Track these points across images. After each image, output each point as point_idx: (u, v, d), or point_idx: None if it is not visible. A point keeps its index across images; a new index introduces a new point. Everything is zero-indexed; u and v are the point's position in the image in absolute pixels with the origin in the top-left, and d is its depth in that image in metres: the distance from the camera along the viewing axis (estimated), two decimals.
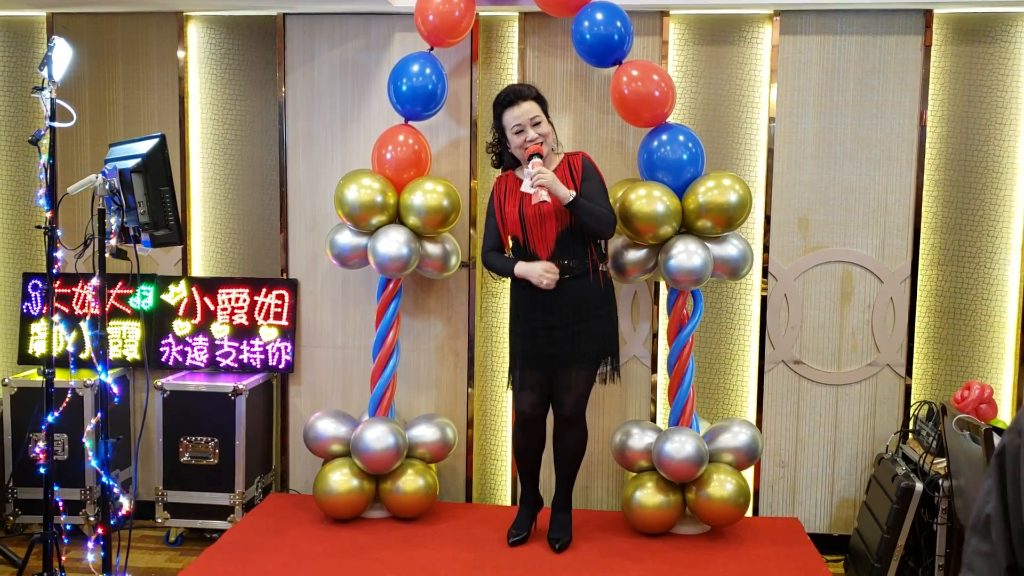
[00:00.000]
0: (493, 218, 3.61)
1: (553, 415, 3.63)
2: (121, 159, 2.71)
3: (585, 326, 3.49)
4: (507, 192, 3.57)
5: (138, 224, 2.65)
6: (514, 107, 3.48)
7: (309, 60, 4.21)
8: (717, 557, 3.59)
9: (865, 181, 4.00)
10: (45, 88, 2.95)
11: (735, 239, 3.76)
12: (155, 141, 2.70)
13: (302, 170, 4.26)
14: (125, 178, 2.63)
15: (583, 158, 3.56)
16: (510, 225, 3.53)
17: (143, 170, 2.63)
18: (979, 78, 3.94)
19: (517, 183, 3.55)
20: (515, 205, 3.51)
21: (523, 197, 3.47)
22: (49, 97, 2.95)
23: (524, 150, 3.46)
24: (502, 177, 3.65)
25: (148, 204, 2.62)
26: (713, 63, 4.05)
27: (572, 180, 3.48)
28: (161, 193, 2.63)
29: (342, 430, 3.93)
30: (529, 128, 3.46)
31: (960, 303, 4.02)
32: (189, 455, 4.05)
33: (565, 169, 3.52)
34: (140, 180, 2.62)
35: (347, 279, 4.25)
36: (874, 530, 3.63)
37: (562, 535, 3.62)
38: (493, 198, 3.62)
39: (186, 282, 4.31)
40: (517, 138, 3.49)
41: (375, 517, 3.95)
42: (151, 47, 4.30)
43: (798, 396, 4.10)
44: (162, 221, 2.64)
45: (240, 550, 3.62)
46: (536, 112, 3.48)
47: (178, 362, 4.30)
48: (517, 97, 3.49)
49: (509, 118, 3.49)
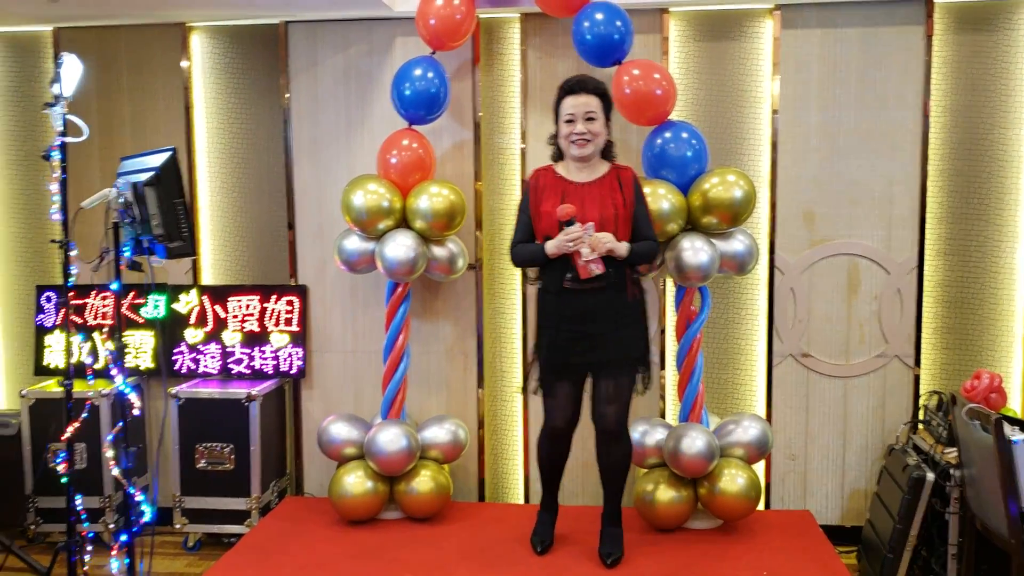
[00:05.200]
0: (526, 213, 3.44)
1: (596, 429, 3.47)
2: (134, 172, 2.75)
3: (620, 334, 3.34)
4: (545, 188, 3.39)
5: (152, 236, 2.69)
6: (573, 96, 3.34)
7: (312, 66, 4.24)
8: (731, 551, 3.61)
9: (869, 173, 4.01)
10: (56, 104, 2.98)
11: (741, 234, 3.77)
12: (167, 155, 2.73)
13: (308, 176, 4.30)
14: (138, 191, 2.67)
15: (633, 175, 3.42)
16: (546, 226, 3.34)
17: (156, 183, 2.66)
18: (981, 67, 3.94)
19: (556, 179, 3.40)
20: (555, 205, 3.31)
21: (564, 196, 3.33)
22: (61, 113, 2.97)
23: (568, 141, 3.35)
24: (540, 171, 3.47)
25: (162, 216, 2.66)
26: (714, 59, 4.06)
27: (620, 193, 3.35)
28: (174, 206, 2.66)
29: (355, 433, 3.97)
30: (580, 121, 3.32)
31: (967, 292, 4.02)
32: (205, 461, 4.10)
33: (613, 181, 3.38)
34: (153, 193, 2.65)
35: (355, 284, 4.29)
36: (886, 520, 3.65)
37: (614, 550, 3.49)
38: (528, 192, 3.44)
39: (197, 291, 4.35)
40: (566, 127, 3.35)
41: (390, 518, 3.99)
42: (155, 58, 4.34)
43: (807, 389, 4.12)
44: (176, 233, 2.67)
45: (259, 553, 3.66)
46: (594, 107, 3.34)
47: (191, 370, 4.35)
48: (579, 86, 3.35)
49: (565, 105, 3.36)
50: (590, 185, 3.39)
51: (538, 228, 3.40)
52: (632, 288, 3.39)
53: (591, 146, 3.35)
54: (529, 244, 3.43)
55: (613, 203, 3.34)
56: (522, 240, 3.45)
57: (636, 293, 3.41)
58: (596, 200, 3.35)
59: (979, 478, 3.18)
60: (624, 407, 3.42)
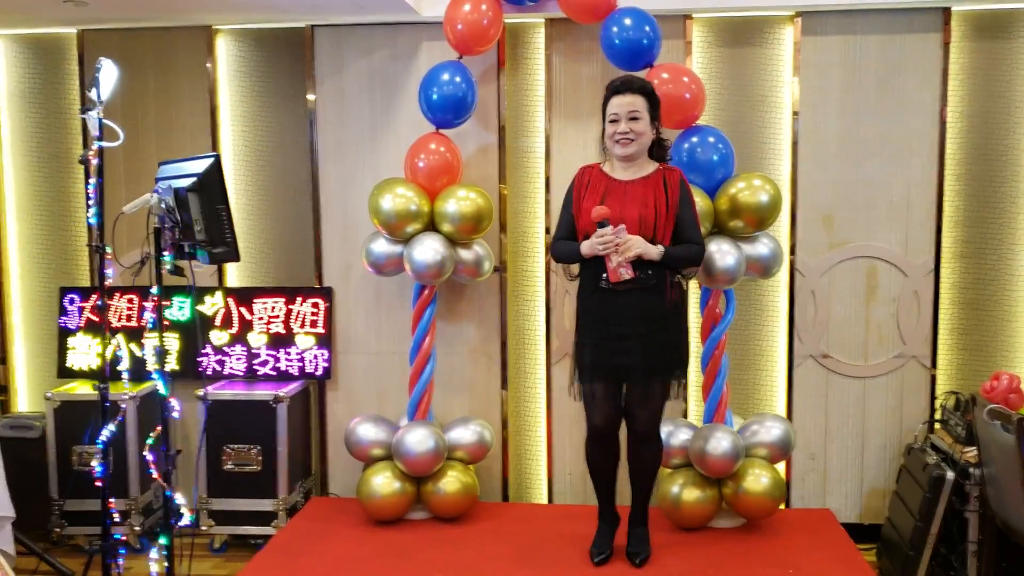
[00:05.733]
0: (568, 211, 3.43)
1: (627, 430, 3.50)
2: (174, 178, 2.78)
3: (657, 337, 3.34)
4: (588, 186, 3.39)
5: (194, 242, 2.72)
6: (619, 95, 3.32)
7: (338, 71, 4.28)
8: (756, 549, 3.68)
9: (888, 177, 4.08)
10: (93, 108, 3.01)
11: (765, 238, 3.83)
12: (210, 160, 2.76)
13: (333, 179, 4.33)
14: (180, 196, 2.70)
15: (681, 177, 3.40)
16: (586, 223, 3.32)
17: (199, 188, 2.69)
18: (997, 73, 4.02)
19: (601, 177, 3.40)
20: (594, 203, 3.30)
21: (607, 193, 3.33)
22: (97, 117, 3.00)
23: (612, 141, 3.35)
24: (587, 168, 3.46)
25: (204, 222, 2.69)
26: (736, 64, 4.12)
27: (665, 194, 3.32)
28: (218, 211, 2.70)
29: (382, 434, 4.01)
30: (624, 121, 3.30)
31: (983, 294, 4.10)
32: (232, 463, 4.12)
33: (659, 182, 3.35)
34: (195, 199, 2.69)
35: (380, 286, 4.32)
36: (906, 519, 3.72)
37: (641, 550, 3.55)
38: (572, 190, 3.44)
39: (222, 293, 4.38)
40: (610, 127, 3.34)
41: (416, 519, 4.03)
42: (181, 62, 4.36)
43: (826, 389, 4.19)
44: (219, 239, 2.70)
45: (288, 555, 3.70)
46: (638, 107, 3.30)
47: (216, 371, 4.38)
48: (625, 86, 3.33)
49: (611, 105, 3.34)
50: (634, 184, 3.37)
51: (578, 225, 3.38)
52: (672, 291, 3.35)
53: (634, 145, 3.33)
54: (570, 242, 3.42)
55: (655, 203, 3.31)
56: (564, 237, 3.44)
57: (676, 296, 3.38)
58: (638, 199, 3.33)
59: (1000, 477, 3.26)
60: (656, 412, 3.45)
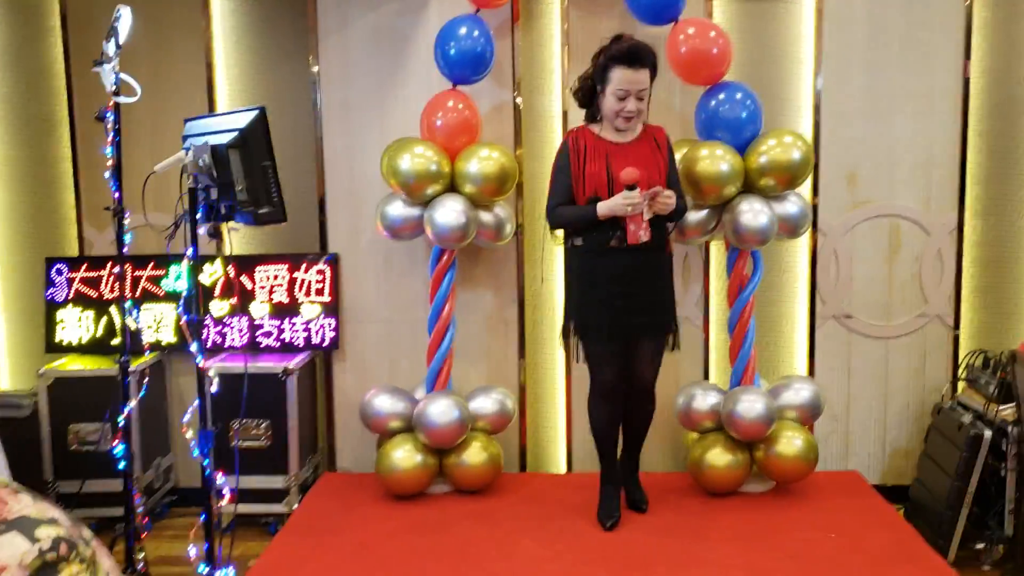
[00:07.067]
0: (565, 175, 3.40)
1: (629, 387, 3.54)
2: (211, 133, 2.57)
3: (663, 294, 3.48)
4: (588, 149, 3.38)
5: (234, 202, 2.51)
6: (629, 69, 3.26)
7: (342, 27, 4.06)
8: (791, 513, 3.62)
9: (911, 134, 4.02)
10: (110, 61, 2.77)
11: (794, 196, 3.75)
12: (254, 114, 2.56)
13: (339, 141, 4.12)
14: (219, 153, 2.49)
15: (667, 136, 3.48)
16: (592, 186, 3.34)
17: (241, 144, 2.49)
18: (1018, 27, 3.97)
19: (596, 140, 3.39)
20: (602, 166, 3.33)
21: (609, 157, 3.34)
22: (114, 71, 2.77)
23: (616, 115, 3.33)
24: (578, 132, 3.45)
25: (247, 181, 2.49)
26: (757, 19, 4.01)
27: (659, 154, 3.41)
28: (263, 169, 2.50)
29: (400, 406, 3.86)
30: (632, 99, 3.29)
31: (1005, 252, 4.07)
32: (240, 439, 3.93)
33: (650, 142, 3.42)
34: (237, 155, 2.48)
35: (390, 252, 4.14)
36: (939, 478, 3.69)
37: (643, 495, 3.68)
38: (569, 154, 3.40)
39: (221, 261, 4.15)
40: (617, 104, 3.31)
41: (437, 492, 3.89)
42: (174, 18, 4.11)
43: (849, 350, 4.13)
44: (265, 198, 2.50)
45: (311, 533, 3.54)
46: (647, 85, 3.32)
47: (216, 344, 4.16)
48: (637, 60, 3.27)
49: (618, 77, 3.28)
50: (631, 146, 3.41)
51: (580, 190, 3.38)
52: (668, 247, 3.49)
53: (636, 121, 3.38)
54: (574, 206, 3.39)
55: (656, 163, 3.40)
56: (562, 203, 3.42)
57: (670, 251, 3.52)
58: (640, 160, 3.37)
59: None
60: (658, 366, 3.58)
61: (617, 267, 3.35)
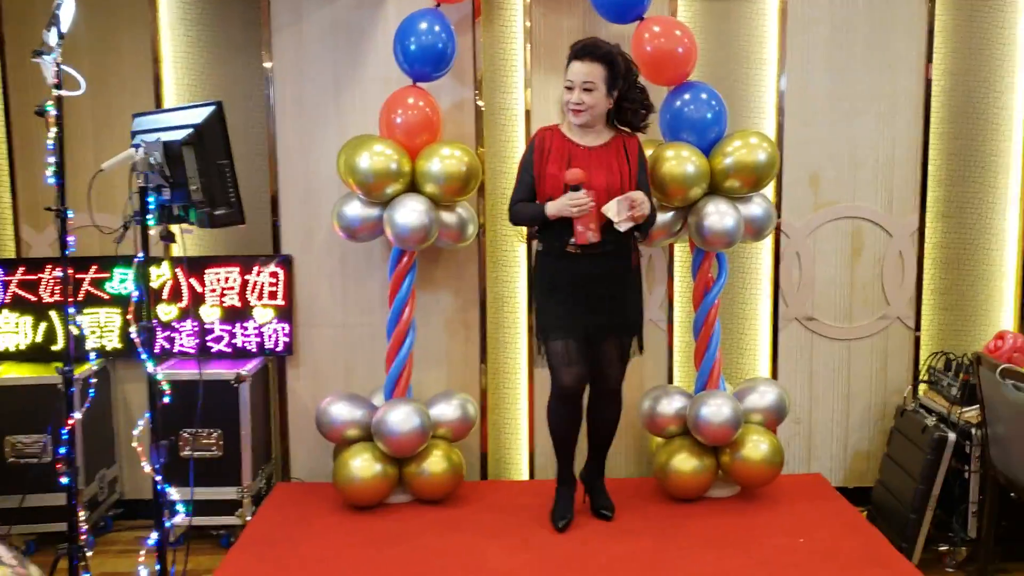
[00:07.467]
0: (528, 172, 3.38)
1: (593, 390, 3.51)
2: (164, 130, 2.42)
3: (623, 299, 3.43)
4: (551, 150, 3.35)
5: (188, 203, 2.37)
6: (577, 61, 3.26)
7: (297, 20, 3.91)
8: (758, 518, 3.58)
9: (874, 136, 4.01)
10: (50, 53, 2.60)
11: (759, 198, 3.71)
12: (211, 109, 2.41)
13: (293, 138, 3.97)
14: (172, 150, 2.34)
15: (639, 144, 3.42)
16: (550, 188, 3.31)
17: (196, 141, 2.34)
18: (979, 30, 3.98)
19: (563, 141, 3.36)
20: (562, 168, 3.28)
21: (571, 159, 3.30)
22: (55, 62, 2.60)
23: (567, 108, 3.31)
24: (546, 131, 3.41)
25: (203, 180, 2.34)
26: (721, 19, 3.96)
27: (627, 162, 3.34)
28: (219, 167, 2.35)
29: (358, 413, 3.73)
30: (578, 90, 3.25)
31: (964, 254, 4.09)
32: (190, 449, 3.76)
33: (620, 148, 3.36)
34: (191, 153, 2.33)
35: (346, 253, 4.01)
36: (904, 481, 3.68)
37: (608, 502, 3.61)
38: (533, 152, 3.38)
39: (169, 263, 3.98)
40: (565, 94, 3.31)
41: (397, 502, 3.77)
42: (119, 9, 3.92)
43: (811, 352, 4.12)
44: (221, 199, 2.36)
45: (266, 546, 3.40)
46: (594, 78, 3.24)
47: (165, 349, 3.98)
48: (584, 53, 3.26)
49: (569, 70, 3.29)
50: (597, 150, 3.37)
51: (541, 190, 3.37)
52: (635, 255, 3.46)
53: (585, 115, 3.30)
54: (529, 204, 3.39)
55: (620, 170, 3.34)
56: (522, 199, 3.41)
57: (637, 259, 3.48)
58: (603, 166, 3.33)
59: (1010, 436, 3.23)
60: (623, 369, 3.53)
61: (576, 273, 3.34)
